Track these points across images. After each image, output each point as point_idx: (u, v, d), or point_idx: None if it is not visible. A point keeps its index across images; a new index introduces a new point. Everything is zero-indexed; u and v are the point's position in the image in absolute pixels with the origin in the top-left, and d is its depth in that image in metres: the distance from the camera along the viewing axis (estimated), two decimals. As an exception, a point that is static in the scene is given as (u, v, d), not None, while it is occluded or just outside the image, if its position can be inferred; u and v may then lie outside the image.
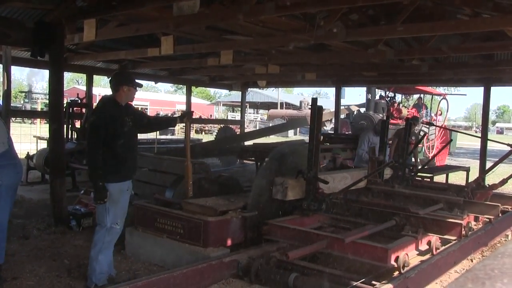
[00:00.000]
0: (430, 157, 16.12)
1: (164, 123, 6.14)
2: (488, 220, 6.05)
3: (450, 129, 16.78)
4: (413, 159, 11.35)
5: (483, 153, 11.46)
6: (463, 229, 5.44)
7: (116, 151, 4.61)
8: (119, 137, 4.60)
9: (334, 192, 5.88)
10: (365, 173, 6.87)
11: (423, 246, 5.04)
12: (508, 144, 8.35)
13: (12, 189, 4.73)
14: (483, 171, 7.90)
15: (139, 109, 8.19)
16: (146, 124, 5.16)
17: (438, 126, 17.06)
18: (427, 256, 4.91)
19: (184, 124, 5.68)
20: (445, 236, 5.28)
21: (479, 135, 12.14)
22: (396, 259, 4.31)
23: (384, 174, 7.40)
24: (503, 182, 7.28)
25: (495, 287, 1.43)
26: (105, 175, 4.57)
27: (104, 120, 4.59)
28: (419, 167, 8.70)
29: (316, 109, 5.58)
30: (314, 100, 5.70)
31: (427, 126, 17.08)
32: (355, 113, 21.66)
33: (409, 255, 4.61)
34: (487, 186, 7.69)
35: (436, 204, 6.15)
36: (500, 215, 6.39)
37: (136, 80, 4.92)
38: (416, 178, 8.04)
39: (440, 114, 20.34)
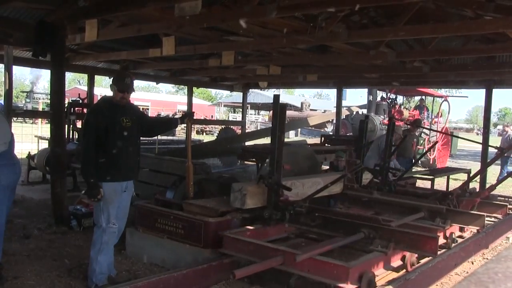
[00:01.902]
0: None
1: (165, 125, 5.89)
2: (476, 230, 5.73)
3: (446, 133, 16.67)
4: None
5: (484, 156, 11.45)
6: (445, 241, 5.23)
7: (109, 151, 4.59)
8: (111, 137, 4.57)
9: (298, 199, 5.34)
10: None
11: (396, 262, 4.68)
12: (496, 147, 8.32)
13: (10, 189, 4.72)
14: (470, 177, 7.45)
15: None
16: (148, 129, 5.13)
17: (433, 130, 17.00)
18: (402, 272, 4.62)
19: (185, 125, 5.65)
20: (419, 252, 4.73)
21: (476, 138, 12.14)
22: (360, 278, 3.93)
23: (363, 179, 7.02)
24: (492, 188, 6.98)
25: (499, 291, 1.42)
26: (98, 174, 4.56)
27: (96, 119, 4.59)
28: (419, 168, 8.65)
29: (279, 107, 5.11)
30: (276, 97, 5.34)
31: (428, 129, 17.08)
32: (354, 113, 21.63)
33: (378, 273, 4.29)
34: (474, 193, 7.21)
35: (417, 212, 5.71)
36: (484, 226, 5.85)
37: (134, 83, 4.88)
38: (401, 182, 7.53)
39: (441, 116, 20.32)
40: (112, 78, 4.90)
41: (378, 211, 6.05)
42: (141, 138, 5.11)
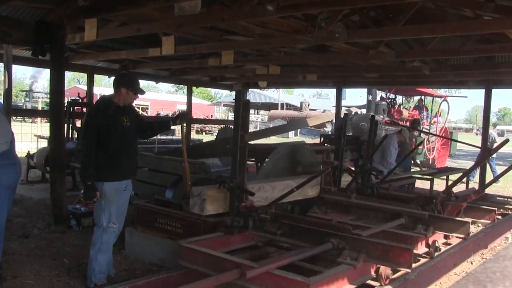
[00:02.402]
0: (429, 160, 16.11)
1: (158, 128, 5.68)
2: (462, 237, 5.19)
3: (439, 136, 16.60)
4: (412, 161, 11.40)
5: (483, 156, 11.44)
6: (428, 250, 4.88)
7: (111, 151, 4.61)
8: (113, 137, 4.59)
9: (264, 205, 4.88)
10: (317, 180, 5.82)
11: (368, 276, 4.28)
12: (477, 146, 8.17)
13: (11, 188, 4.73)
14: (455, 180, 6.77)
15: (139, 112, 8.14)
16: (143, 131, 5.14)
17: (427, 134, 16.97)
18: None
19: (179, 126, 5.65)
20: (392, 265, 4.23)
21: (475, 138, 12.14)
22: None
23: (341, 181, 6.43)
24: (479, 192, 6.44)
25: (496, 290, 1.42)
26: (100, 174, 4.57)
27: (96, 120, 4.60)
28: (424, 168, 8.60)
29: (241, 104, 4.72)
30: (238, 93, 5.11)
31: (427, 128, 17.07)
32: (352, 113, 21.61)
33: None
34: (461, 197, 6.59)
35: (397, 218, 5.24)
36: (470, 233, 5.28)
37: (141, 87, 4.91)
38: (385, 185, 6.93)
39: (440, 116, 20.33)
40: (119, 78, 4.91)
41: (356, 216, 5.62)
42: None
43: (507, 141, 6.35)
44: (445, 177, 10.55)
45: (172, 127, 5.56)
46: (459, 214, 5.97)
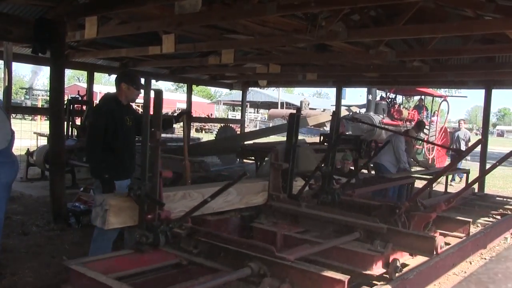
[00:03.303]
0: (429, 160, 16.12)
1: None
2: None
3: (423, 140, 16.57)
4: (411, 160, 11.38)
5: (483, 156, 11.47)
6: (385, 271, 4.07)
7: (115, 149, 4.64)
8: (118, 135, 4.62)
9: (179, 217, 3.90)
10: (264, 185, 5.07)
11: None
12: (454, 150, 7.99)
13: (8, 186, 4.74)
14: (421, 188, 5.64)
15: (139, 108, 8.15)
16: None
17: (418, 139, 16.96)
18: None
19: (182, 124, 5.65)
20: None
21: (475, 138, 12.12)
22: None
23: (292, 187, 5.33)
24: (449, 201, 5.14)
25: (499, 291, 1.42)
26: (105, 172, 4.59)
27: (106, 118, 4.61)
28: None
29: (155, 94, 3.74)
30: (147, 81, 3.98)
31: (427, 128, 17.05)
32: (351, 113, 21.61)
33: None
34: (430, 206, 5.46)
35: (352, 232, 4.39)
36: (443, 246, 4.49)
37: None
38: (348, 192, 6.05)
39: (438, 115, 20.31)
40: (120, 75, 4.92)
41: (307, 228, 4.86)
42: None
43: (480, 141, 6.17)
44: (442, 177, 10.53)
45: (179, 123, 5.57)
46: (427, 226, 5.07)
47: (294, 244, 4.15)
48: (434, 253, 4.17)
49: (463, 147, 14.17)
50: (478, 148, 12.03)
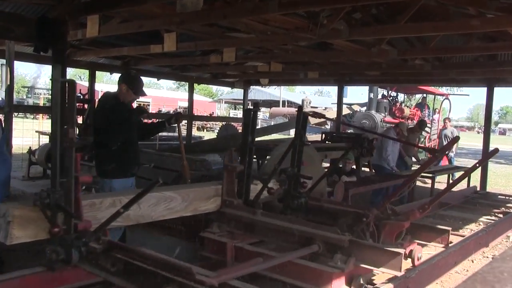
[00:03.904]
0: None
1: (155, 129, 5.84)
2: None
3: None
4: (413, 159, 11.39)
5: (485, 154, 11.45)
6: None
7: (121, 148, 4.66)
8: (121, 133, 4.64)
9: (94, 230, 3.29)
10: (217, 190, 4.39)
11: None
12: (430, 150, 7.75)
13: (1, 183, 4.74)
14: (392, 193, 5.20)
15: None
16: (140, 132, 5.18)
17: (408, 143, 16.93)
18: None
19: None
20: None
21: (477, 136, 12.10)
22: None
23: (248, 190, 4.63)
24: (424, 208, 4.21)
25: (505, 290, 1.41)
26: (109, 170, 4.61)
27: (118, 114, 4.64)
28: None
29: (69, 87, 3.15)
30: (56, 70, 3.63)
31: (429, 127, 17.03)
32: (351, 112, 21.60)
33: None
34: (403, 214, 4.48)
35: (310, 244, 3.72)
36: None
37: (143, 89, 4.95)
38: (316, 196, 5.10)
39: (440, 113, 20.30)
40: (123, 75, 4.96)
41: (263, 238, 4.24)
42: None
43: (456, 139, 6.03)
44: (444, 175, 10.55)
45: (173, 125, 5.59)
46: (399, 237, 4.35)
47: (246, 257, 3.70)
48: (401, 270, 3.64)
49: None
50: (480, 147, 12.04)
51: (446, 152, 12.54)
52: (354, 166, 9.35)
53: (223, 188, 4.44)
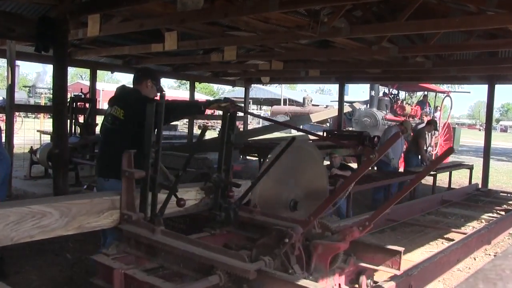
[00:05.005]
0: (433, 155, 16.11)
1: (186, 109, 5.10)
2: None
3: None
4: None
5: (486, 152, 11.44)
6: None
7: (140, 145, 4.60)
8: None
9: None
10: (113, 202, 3.49)
11: None
12: (321, 137, 7.05)
13: (1, 182, 4.74)
14: (321, 205, 3.54)
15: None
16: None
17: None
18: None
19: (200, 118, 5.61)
20: None
21: (478, 133, 12.09)
22: None
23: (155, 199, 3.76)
24: (364, 226, 3.16)
25: (507, 288, 1.40)
26: (112, 169, 4.57)
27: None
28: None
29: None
30: None
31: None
32: (352, 110, 21.57)
33: None
34: (339, 233, 3.32)
35: (211, 274, 2.85)
36: None
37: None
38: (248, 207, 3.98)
39: (441, 110, 20.28)
40: (146, 70, 4.90)
41: (163, 263, 3.26)
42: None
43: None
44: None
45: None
46: (335, 261, 3.35)
47: (137, 288, 2.95)
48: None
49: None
50: (482, 144, 12.02)
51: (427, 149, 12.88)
52: (344, 162, 9.23)
53: (121, 200, 3.55)
